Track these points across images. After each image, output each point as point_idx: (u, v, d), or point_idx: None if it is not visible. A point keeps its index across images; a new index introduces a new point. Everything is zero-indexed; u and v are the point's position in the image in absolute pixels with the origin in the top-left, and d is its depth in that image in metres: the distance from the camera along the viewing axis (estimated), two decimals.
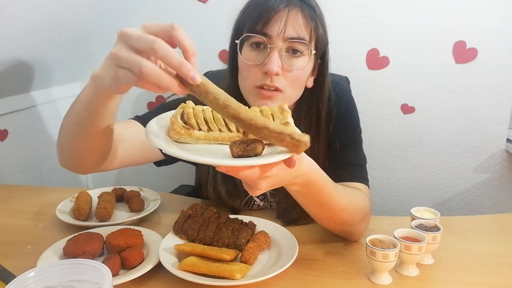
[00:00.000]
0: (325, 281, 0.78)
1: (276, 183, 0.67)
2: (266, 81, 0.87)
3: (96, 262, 0.55)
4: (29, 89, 1.56)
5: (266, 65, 0.85)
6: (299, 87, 0.92)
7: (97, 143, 0.78)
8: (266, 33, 0.86)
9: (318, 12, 0.91)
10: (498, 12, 1.59)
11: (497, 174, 1.78)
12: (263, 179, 0.64)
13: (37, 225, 1.01)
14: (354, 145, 1.03)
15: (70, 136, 0.79)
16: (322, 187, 0.76)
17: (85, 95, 0.69)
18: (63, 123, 0.80)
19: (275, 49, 0.85)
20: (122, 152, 0.89)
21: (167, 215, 1.06)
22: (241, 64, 0.91)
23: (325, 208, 0.81)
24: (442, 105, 1.72)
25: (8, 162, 1.50)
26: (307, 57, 0.89)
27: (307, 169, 0.72)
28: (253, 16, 0.87)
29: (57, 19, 1.32)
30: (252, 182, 0.65)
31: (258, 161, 0.59)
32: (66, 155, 0.84)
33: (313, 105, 0.97)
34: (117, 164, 0.90)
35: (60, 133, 0.82)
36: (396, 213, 1.88)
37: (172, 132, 0.64)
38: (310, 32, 0.88)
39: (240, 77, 0.93)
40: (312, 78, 0.97)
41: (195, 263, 0.75)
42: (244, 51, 0.90)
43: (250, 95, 0.91)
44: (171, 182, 1.94)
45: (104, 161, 0.85)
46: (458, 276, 0.80)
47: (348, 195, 0.85)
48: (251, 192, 0.67)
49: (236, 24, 0.94)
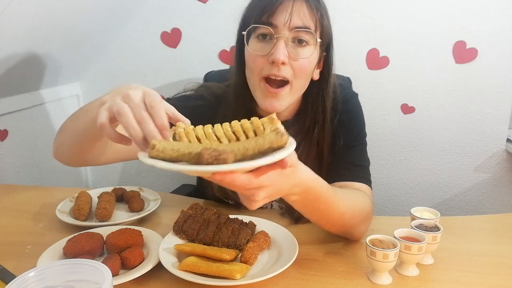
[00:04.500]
0: (325, 281, 0.78)
1: (274, 193, 0.66)
2: (273, 71, 0.88)
3: (96, 262, 0.55)
4: (29, 89, 1.56)
5: (273, 55, 0.86)
6: (305, 78, 0.93)
7: (96, 147, 0.86)
8: (272, 23, 0.87)
9: (322, 3, 0.93)
10: (498, 12, 1.59)
11: (497, 174, 1.78)
12: (260, 189, 0.63)
13: (37, 225, 1.01)
14: (358, 146, 1.04)
15: (70, 141, 0.86)
16: (321, 194, 0.76)
17: (94, 112, 0.75)
18: (64, 126, 0.88)
19: (281, 39, 0.86)
20: (111, 149, 0.92)
21: (167, 215, 1.06)
22: (248, 56, 0.92)
23: (326, 214, 0.81)
24: (442, 105, 1.72)
25: (8, 162, 1.50)
26: (313, 46, 0.90)
27: (305, 177, 0.71)
28: (258, 8, 0.89)
29: (57, 19, 1.32)
30: (249, 193, 0.64)
31: (252, 163, 0.58)
32: (62, 152, 0.92)
33: (319, 97, 0.99)
34: (104, 161, 0.94)
35: (60, 134, 0.89)
36: (396, 213, 1.88)
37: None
38: (315, 22, 0.89)
39: (247, 70, 0.94)
40: (318, 70, 0.98)
41: (195, 263, 0.75)
42: (251, 43, 0.91)
43: (258, 90, 0.92)
44: (171, 182, 1.94)
45: (96, 158, 0.91)
46: (458, 276, 0.80)
47: (348, 198, 0.85)
48: (249, 205, 0.66)
49: (242, 17, 0.95)
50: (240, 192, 0.64)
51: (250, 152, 0.61)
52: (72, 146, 0.88)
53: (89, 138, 0.82)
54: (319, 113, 0.99)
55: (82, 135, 0.82)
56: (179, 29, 1.76)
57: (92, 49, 1.74)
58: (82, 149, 0.87)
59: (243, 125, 0.65)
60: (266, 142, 0.61)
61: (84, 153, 0.88)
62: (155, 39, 1.78)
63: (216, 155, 0.58)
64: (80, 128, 0.81)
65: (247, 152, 0.61)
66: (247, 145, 0.61)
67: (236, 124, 0.65)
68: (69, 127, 0.87)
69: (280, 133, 0.61)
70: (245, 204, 0.67)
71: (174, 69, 1.81)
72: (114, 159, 0.96)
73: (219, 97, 1.06)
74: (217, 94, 1.07)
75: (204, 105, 1.04)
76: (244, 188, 0.61)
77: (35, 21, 1.23)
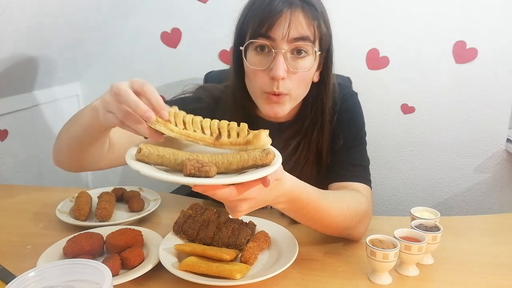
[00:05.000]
0: (325, 281, 0.78)
1: (257, 205, 0.67)
2: (273, 87, 0.88)
3: (96, 262, 0.55)
4: (29, 89, 1.56)
5: (272, 71, 0.86)
6: (305, 87, 0.93)
7: (92, 153, 0.88)
8: (271, 36, 0.86)
9: (320, 10, 0.91)
10: (498, 12, 1.59)
11: (497, 174, 1.78)
12: (242, 201, 0.64)
13: (37, 225, 1.01)
14: (358, 146, 1.04)
15: (67, 147, 0.89)
16: (308, 201, 0.76)
17: (85, 118, 0.79)
18: (61, 134, 0.91)
19: (280, 53, 0.86)
20: (110, 155, 0.93)
21: (167, 215, 1.06)
22: (247, 69, 0.92)
23: (316, 219, 0.81)
24: (442, 105, 1.72)
25: (8, 162, 1.50)
26: (312, 56, 0.89)
27: (289, 188, 0.71)
28: (256, 20, 0.87)
29: (57, 20, 1.32)
30: (232, 204, 0.65)
31: (234, 179, 0.59)
32: (61, 158, 0.94)
33: (318, 98, 0.99)
34: (103, 166, 0.95)
35: (57, 141, 0.92)
36: (396, 213, 1.88)
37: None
38: (313, 32, 0.88)
39: (247, 80, 0.94)
40: (318, 72, 0.98)
41: (195, 263, 0.75)
42: (249, 56, 0.90)
43: (259, 99, 0.93)
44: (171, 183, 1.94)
45: (95, 164, 0.93)
46: (458, 276, 0.80)
47: (340, 201, 0.85)
48: (232, 214, 0.67)
49: (238, 27, 0.94)
50: (224, 202, 0.65)
51: (233, 167, 0.63)
52: (70, 153, 0.90)
53: (84, 144, 0.85)
54: (318, 114, 0.99)
55: (76, 142, 0.85)
56: (179, 29, 1.76)
57: (92, 49, 1.74)
58: (79, 155, 0.89)
59: (230, 125, 0.67)
60: (250, 159, 0.62)
61: (82, 159, 0.90)
62: (155, 39, 1.78)
63: (199, 167, 0.60)
64: (74, 135, 0.84)
65: (230, 166, 0.63)
66: (231, 159, 0.63)
67: (224, 123, 0.67)
68: (65, 134, 0.89)
69: (265, 152, 0.63)
70: (229, 212, 0.68)
71: (174, 69, 1.81)
72: (113, 163, 0.97)
73: (218, 99, 1.06)
74: (215, 96, 1.07)
75: (203, 107, 1.03)
76: (226, 200, 0.63)
77: (35, 21, 1.23)
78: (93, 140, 0.83)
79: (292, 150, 1.01)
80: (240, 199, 0.63)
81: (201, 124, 0.67)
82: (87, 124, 0.79)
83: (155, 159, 0.63)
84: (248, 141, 0.66)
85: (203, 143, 0.67)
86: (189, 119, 0.68)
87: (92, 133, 0.81)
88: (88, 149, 0.86)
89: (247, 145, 0.66)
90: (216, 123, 0.67)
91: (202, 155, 0.64)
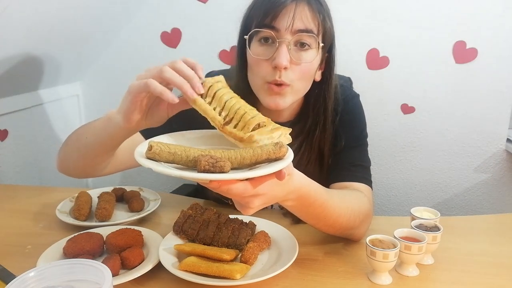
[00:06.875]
0: (325, 281, 0.78)
1: (269, 201, 0.67)
2: (275, 77, 0.87)
3: (96, 262, 0.55)
4: (29, 89, 1.56)
5: (275, 60, 0.86)
6: (307, 80, 0.93)
7: (102, 161, 0.90)
8: (275, 27, 0.86)
9: (324, 5, 0.92)
10: (498, 12, 1.59)
11: (497, 174, 1.78)
12: (255, 197, 0.64)
13: (37, 225, 1.01)
14: (359, 147, 1.04)
15: (76, 155, 0.90)
16: (315, 199, 0.76)
17: (98, 127, 0.82)
18: (68, 142, 0.92)
19: (284, 43, 0.86)
20: (113, 161, 0.94)
21: (167, 215, 1.06)
22: (250, 60, 0.92)
23: (322, 217, 0.81)
24: (442, 105, 1.72)
25: (8, 162, 1.50)
26: (315, 50, 0.90)
27: (299, 184, 0.71)
28: (261, 11, 0.88)
29: (57, 20, 1.32)
30: (245, 201, 0.64)
31: (251, 173, 0.59)
32: (67, 166, 0.96)
33: (320, 98, 0.99)
34: (107, 172, 0.96)
35: (64, 149, 0.93)
36: (396, 213, 1.88)
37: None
38: (317, 25, 0.88)
39: (250, 72, 0.94)
40: (320, 71, 0.98)
41: (195, 263, 0.75)
42: (253, 46, 0.91)
43: (261, 90, 0.92)
44: (171, 182, 1.94)
45: (101, 171, 0.94)
46: (458, 276, 0.80)
47: (344, 201, 0.85)
48: (244, 211, 0.66)
49: (244, 20, 0.95)
50: (236, 199, 0.65)
51: (247, 161, 0.62)
52: (78, 161, 0.91)
53: (96, 153, 0.86)
54: (321, 114, 0.99)
55: (88, 150, 0.86)
56: (179, 29, 1.76)
57: (92, 49, 1.74)
58: (88, 163, 0.90)
59: (244, 116, 0.68)
60: (263, 153, 0.62)
61: (90, 167, 0.91)
62: (155, 39, 1.78)
63: (213, 162, 0.59)
64: (86, 143, 0.85)
65: (243, 161, 0.62)
66: (244, 154, 0.62)
67: (242, 111, 0.68)
68: (74, 143, 0.90)
69: (278, 145, 0.62)
70: (240, 210, 0.67)
71: None
72: (116, 169, 0.98)
73: None
74: None
75: None
76: (240, 196, 0.62)
77: (35, 21, 1.23)
78: (104, 146, 0.84)
79: (294, 150, 1.01)
80: (253, 195, 0.63)
81: (224, 104, 0.68)
82: (99, 130, 0.81)
83: (166, 156, 0.62)
84: (242, 139, 0.66)
85: (213, 123, 0.68)
86: (218, 94, 0.69)
87: (103, 139, 0.82)
88: (98, 158, 0.87)
89: (240, 142, 0.67)
90: (235, 109, 0.68)
91: (215, 151, 0.63)
